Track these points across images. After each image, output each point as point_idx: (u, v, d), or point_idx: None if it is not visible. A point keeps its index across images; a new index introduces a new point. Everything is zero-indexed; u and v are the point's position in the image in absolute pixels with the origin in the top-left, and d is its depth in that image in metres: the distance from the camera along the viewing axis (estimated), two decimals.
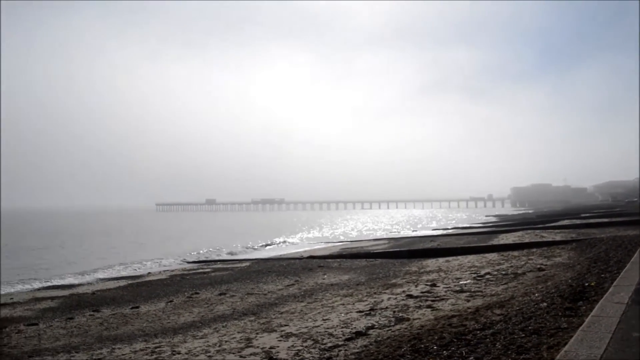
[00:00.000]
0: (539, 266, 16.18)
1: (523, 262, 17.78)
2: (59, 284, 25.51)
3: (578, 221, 47.79)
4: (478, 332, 7.50)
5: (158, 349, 10.36)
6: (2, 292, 23.06)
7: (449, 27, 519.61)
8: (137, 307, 16.67)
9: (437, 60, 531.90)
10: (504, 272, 15.80)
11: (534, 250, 21.83)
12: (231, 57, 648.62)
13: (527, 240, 27.71)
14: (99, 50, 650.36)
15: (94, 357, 10.35)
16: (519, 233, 35.64)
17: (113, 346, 11.26)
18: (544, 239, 27.36)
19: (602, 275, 10.87)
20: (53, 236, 65.70)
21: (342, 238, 56.61)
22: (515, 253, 21.48)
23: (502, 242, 29.05)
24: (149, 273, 28.22)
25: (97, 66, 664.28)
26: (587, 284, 9.87)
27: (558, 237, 28.00)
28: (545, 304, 8.64)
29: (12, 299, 20.64)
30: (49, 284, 25.65)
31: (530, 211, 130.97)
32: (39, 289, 23.88)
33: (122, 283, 24.14)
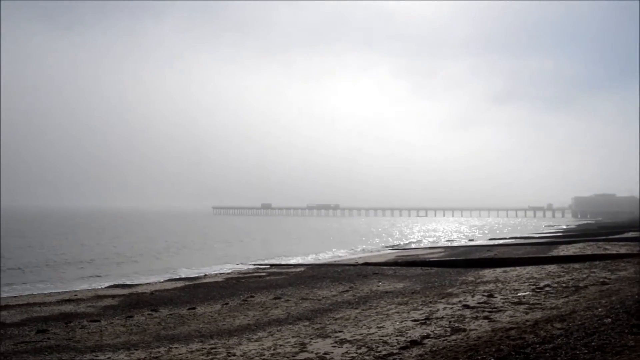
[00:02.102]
0: (602, 280, 15.62)
1: (585, 275, 17.20)
2: (120, 282, 26.34)
3: None
4: (537, 346, 7.31)
5: (214, 350, 10.52)
6: (67, 289, 24.01)
7: (523, 35, 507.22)
8: (194, 308, 17.00)
9: (512, 69, 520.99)
10: (564, 285, 15.33)
11: (597, 262, 21.08)
12: (310, 66, 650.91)
13: (589, 252, 26.82)
14: (174, 57, 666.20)
15: (152, 356, 10.60)
16: (580, 245, 34.54)
17: (170, 345, 11.51)
18: (608, 252, 26.43)
19: None
20: (115, 236, 67.84)
21: (397, 245, 56.19)
22: (577, 265, 20.80)
23: (562, 253, 28.23)
24: (206, 275, 28.75)
25: (171, 72, 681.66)
26: None
27: (623, 250, 27.01)
28: (609, 319, 8.33)
29: (76, 295, 21.43)
30: (110, 282, 26.53)
31: (592, 222, 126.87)
32: (100, 287, 24.73)
33: (180, 284, 24.67)
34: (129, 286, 24.76)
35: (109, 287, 24.85)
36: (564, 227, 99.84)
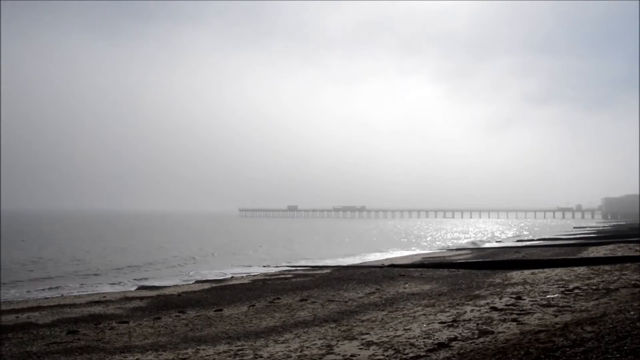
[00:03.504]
0: (634, 282, 15.32)
1: (616, 277, 16.89)
2: (148, 284, 26.64)
3: None
4: (567, 349, 7.20)
5: (241, 352, 10.58)
6: (96, 291, 24.39)
7: (562, 35, 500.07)
8: (221, 310, 17.11)
9: (550, 69, 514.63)
10: (594, 287, 15.07)
11: (628, 265, 20.70)
12: (345, 70, 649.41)
13: (619, 254, 26.38)
14: (206, 60, 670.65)
15: (179, 357, 10.70)
16: (611, 246, 33.98)
17: (197, 347, 11.61)
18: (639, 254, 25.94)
19: None
20: (139, 238, 68.70)
21: (422, 246, 55.88)
22: (607, 267, 20.44)
23: (592, 255, 27.82)
24: (232, 277, 28.94)
25: (203, 76, 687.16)
26: None
27: None
28: None
29: (104, 297, 21.72)
30: (138, 284, 26.87)
31: (622, 223, 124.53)
32: (129, 289, 25.05)
33: (206, 286, 24.86)
34: (157, 288, 25.02)
35: (138, 289, 25.15)
36: (594, 228, 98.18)
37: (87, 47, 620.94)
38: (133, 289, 25.27)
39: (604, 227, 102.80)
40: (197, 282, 27.45)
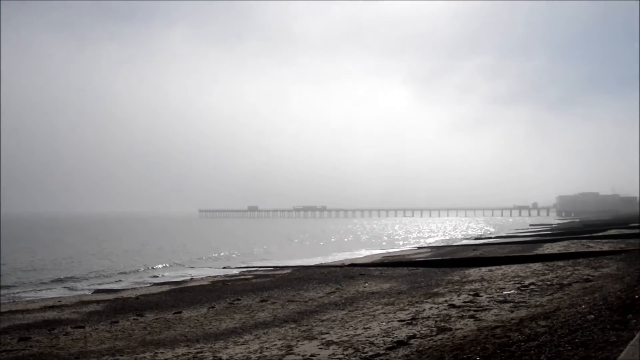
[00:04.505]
0: (585, 277, 15.76)
1: (569, 273, 17.35)
2: (105, 287, 26.14)
3: (627, 231, 46.47)
4: (522, 343, 7.34)
5: (200, 354, 10.47)
6: (51, 295, 23.78)
7: (529, 36, 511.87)
8: (180, 312, 16.90)
9: (515, 69, 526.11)
10: (549, 283, 15.45)
11: (581, 260, 21.27)
12: (312, 71, 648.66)
13: (573, 250, 27.06)
14: (171, 61, 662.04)
15: None
16: (565, 243, 34.84)
17: (156, 350, 11.42)
18: (591, 249, 26.70)
19: None
20: (98, 241, 67.36)
21: (382, 245, 56.32)
22: (561, 263, 20.97)
23: (546, 251, 28.44)
24: (192, 279, 28.63)
25: (169, 77, 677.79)
26: (637, 297, 9.55)
27: (606, 247, 27.28)
28: (592, 316, 8.40)
29: (60, 301, 21.20)
30: (95, 287, 26.34)
31: (576, 220, 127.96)
32: (85, 293, 24.52)
33: (165, 288, 24.52)
34: (114, 291, 24.55)
35: (94, 292, 24.64)
36: (549, 225, 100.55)
37: (55, 47, 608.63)
38: (89, 292, 24.74)
39: (558, 224, 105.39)
40: (156, 284, 27.04)
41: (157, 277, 30.91)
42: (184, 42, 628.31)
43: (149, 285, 26.93)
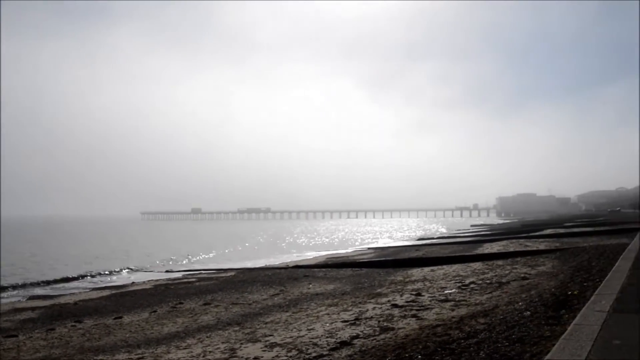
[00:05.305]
0: (523, 275, 16.24)
1: (507, 271, 17.84)
2: (41, 294, 25.21)
3: (562, 230, 48.16)
4: (462, 341, 7.49)
5: None
6: None
7: (477, 41, 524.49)
8: (120, 318, 16.49)
9: (462, 75, 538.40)
10: (488, 281, 15.84)
11: (519, 259, 21.91)
12: (266, 74, 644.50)
13: (511, 250, 27.84)
14: (114, 62, 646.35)
15: None
16: (504, 242, 35.81)
17: (95, 357, 11.12)
18: (528, 248, 27.52)
19: (585, 284, 10.93)
20: (34, 245, 64.93)
21: (328, 247, 56.54)
22: (500, 262, 21.55)
23: (486, 251, 29.14)
24: (133, 283, 27.97)
25: (121, 74, 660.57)
26: (570, 293, 9.92)
27: (542, 246, 28.18)
28: (528, 312, 8.66)
29: None
30: (30, 293, 25.35)
31: (515, 220, 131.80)
32: (19, 300, 23.57)
33: (106, 293, 23.89)
34: (51, 297, 23.72)
35: (29, 299, 23.71)
36: (489, 225, 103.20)
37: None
38: (24, 299, 23.78)
39: (498, 224, 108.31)
40: (96, 289, 26.30)
41: (97, 281, 30.04)
42: (130, 41, 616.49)
43: (88, 290, 26.13)
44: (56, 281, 30.68)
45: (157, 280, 28.46)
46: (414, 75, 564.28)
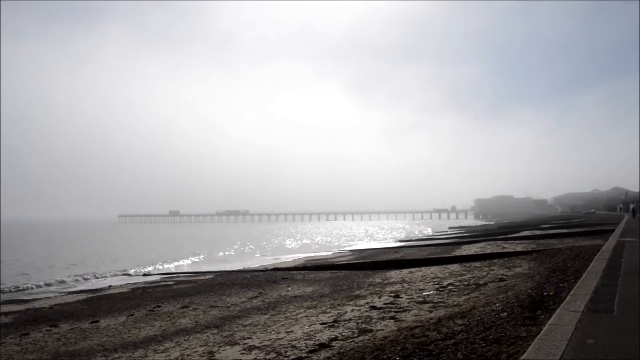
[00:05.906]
0: (500, 276, 16.40)
1: (485, 273, 18.00)
2: (14, 298, 24.80)
3: (538, 232, 48.75)
4: (440, 342, 7.55)
5: None
6: None
7: (461, 46, 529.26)
8: (97, 322, 16.30)
9: (448, 78, 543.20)
10: (466, 283, 15.97)
11: (496, 261, 22.13)
12: (254, 76, 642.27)
13: (489, 251, 28.06)
14: (98, 64, 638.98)
15: None
16: (481, 244, 36.08)
17: None
18: (505, 250, 27.77)
19: (560, 285, 11.07)
20: (7, 248, 63.88)
21: (307, 249, 56.49)
22: (477, 264, 21.73)
23: (464, 253, 29.35)
24: (110, 286, 27.65)
25: (106, 75, 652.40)
26: (545, 294, 10.04)
27: (519, 248, 28.46)
28: (505, 313, 8.76)
29: None
30: (2, 298, 24.91)
31: (492, 222, 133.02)
32: None
33: (82, 297, 23.59)
34: (25, 301, 23.32)
35: (2, 303, 23.31)
36: (467, 227, 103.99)
37: None
38: None
39: (475, 226, 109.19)
40: (72, 292, 25.93)
41: (73, 285, 29.64)
42: (115, 44, 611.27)
43: (64, 294, 25.75)
44: (30, 286, 30.19)
45: (134, 284, 28.19)
46: (400, 78, 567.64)
